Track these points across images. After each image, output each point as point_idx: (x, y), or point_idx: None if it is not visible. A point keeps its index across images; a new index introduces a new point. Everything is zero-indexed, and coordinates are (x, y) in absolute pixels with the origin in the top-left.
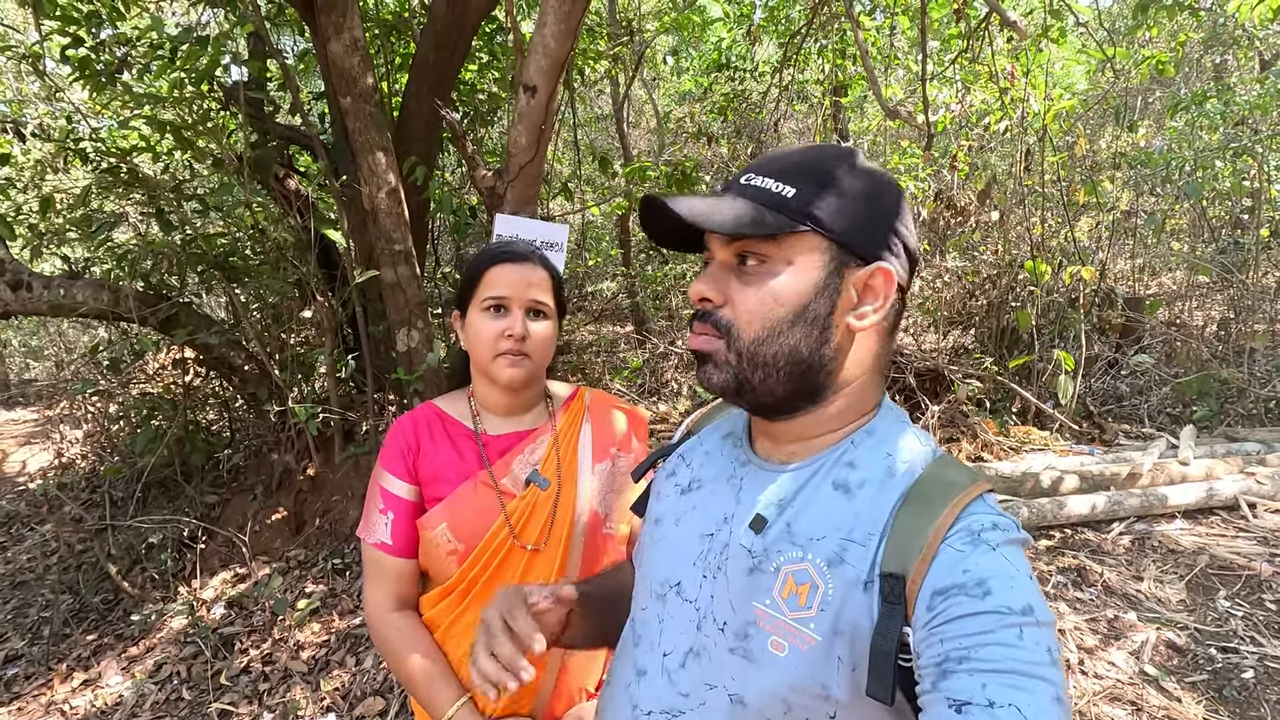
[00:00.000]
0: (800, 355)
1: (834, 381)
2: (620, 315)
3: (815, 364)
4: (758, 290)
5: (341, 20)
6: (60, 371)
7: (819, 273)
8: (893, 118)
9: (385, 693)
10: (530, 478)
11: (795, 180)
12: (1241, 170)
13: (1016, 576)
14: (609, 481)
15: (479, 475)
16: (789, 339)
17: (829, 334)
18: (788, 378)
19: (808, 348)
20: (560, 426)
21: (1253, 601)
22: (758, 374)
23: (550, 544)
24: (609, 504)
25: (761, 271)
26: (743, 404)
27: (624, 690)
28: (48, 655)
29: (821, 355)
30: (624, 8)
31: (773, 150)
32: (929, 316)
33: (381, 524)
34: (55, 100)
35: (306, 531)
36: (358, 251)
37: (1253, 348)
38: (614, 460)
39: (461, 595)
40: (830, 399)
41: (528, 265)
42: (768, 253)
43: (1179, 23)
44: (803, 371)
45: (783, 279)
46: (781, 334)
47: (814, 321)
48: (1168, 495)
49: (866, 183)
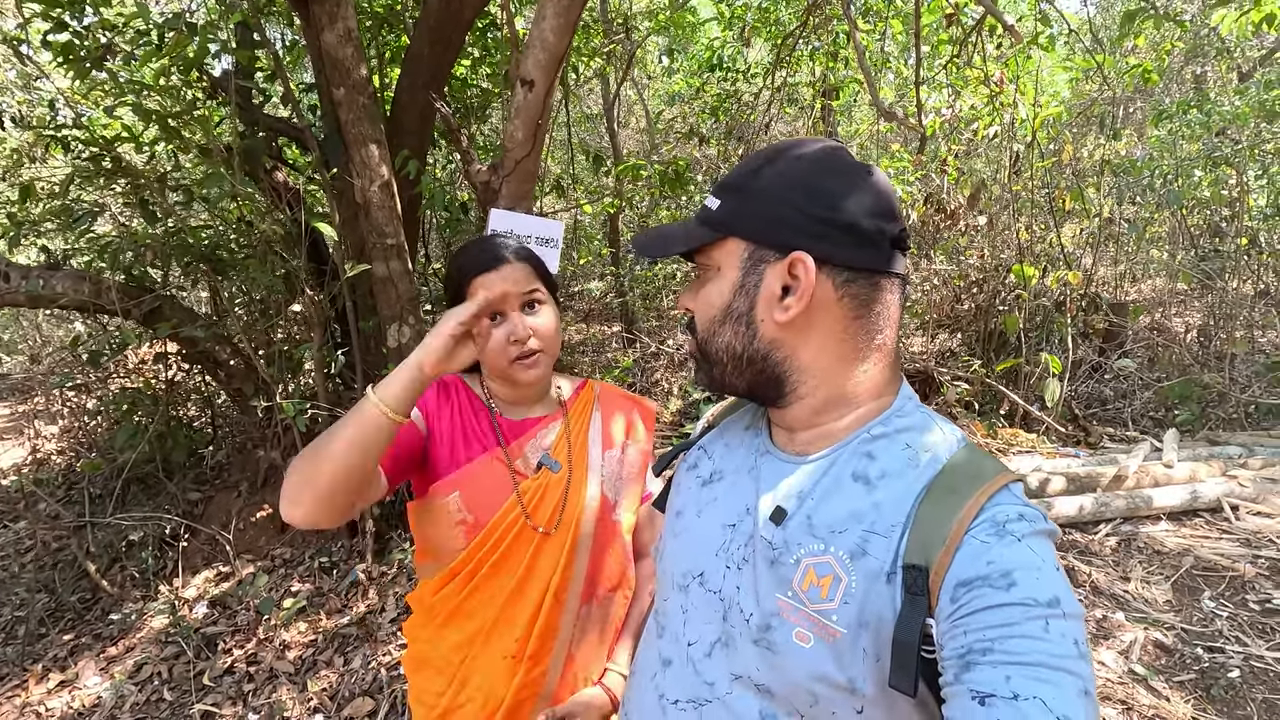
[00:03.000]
0: (735, 350)
1: (790, 370)
2: (609, 315)
3: (754, 356)
4: (701, 295)
5: (335, 10)
6: (35, 365)
7: (735, 273)
8: (888, 120)
9: (374, 693)
10: (542, 461)
11: (722, 193)
12: (1221, 179)
13: (1042, 568)
14: (617, 470)
15: (494, 450)
16: (722, 336)
17: (755, 328)
18: (735, 370)
19: (740, 343)
20: (571, 414)
21: (1237, 602)
22: (715, 369)
23: (561, 528)
24: (617, 492)
25: (705, 279)
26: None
27: (649, 680)
28: (22, 655)
29: (755, 349)
30: (615, 7)
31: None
32: (917, 319)
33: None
34: (34, 88)
35: (292, 529)
36: (348, 245)
37: (1233, 353)
38: (623, 449)
39: (468, 578)
40: (800, 386)
41: (508, 267)
42: (704, 262)
43: (1163, 33)
44: (745, 364)
45: (713, 283)
46: (716, 332)
47: (739, 319)
48: (1153, 497)
49: (791, 175)
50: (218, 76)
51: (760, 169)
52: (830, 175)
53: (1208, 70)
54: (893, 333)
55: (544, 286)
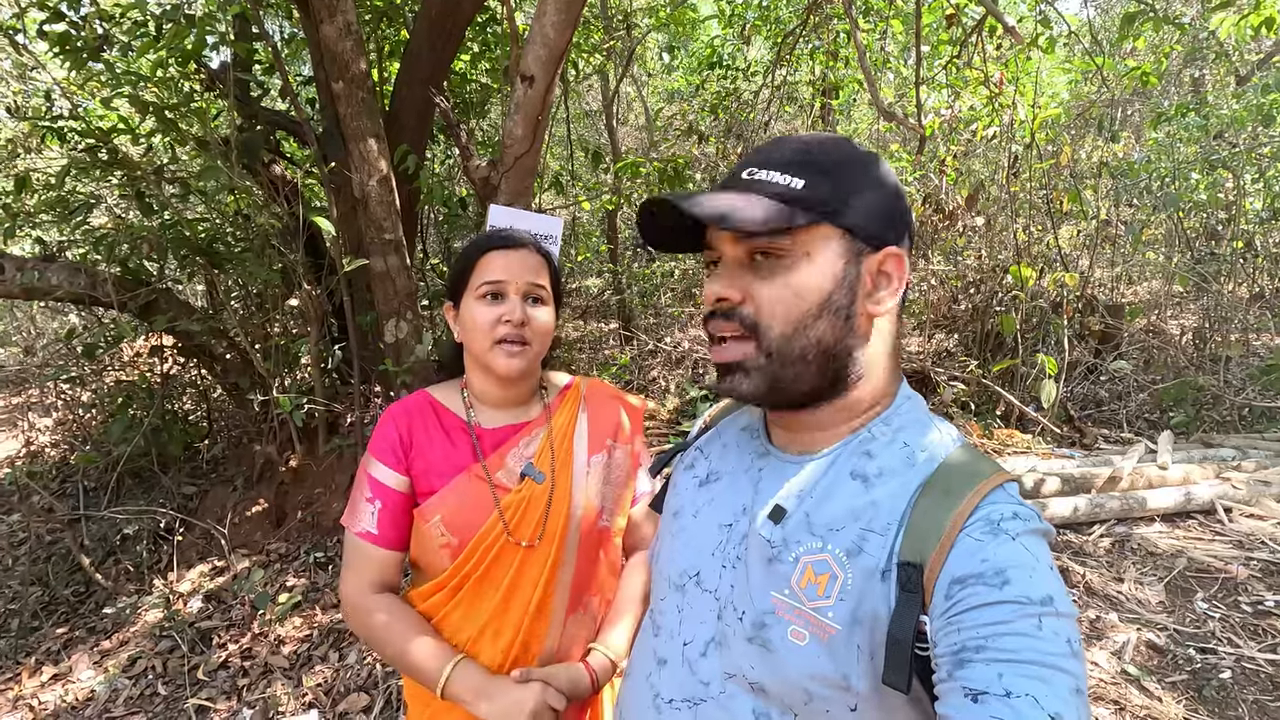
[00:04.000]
0: (828, 346)
1: (856, 369)
2: (607, 312)
3: (841, 353)
4: (780, 285)
5: (334, 3)
6: (30, 358)
7: (839, 263)
8: (887, 120)
9: (369, 688)
10: (525, 471)
11: (801, 172)
12: (1217, 183)
13: (1037, 566)
14: (605, 473)
15: (472, 468)
16: (815, 331)
17: (852, 323)
18: (818, 371)
19: (834, 338)
20: (556, 418)
21: (1229, 603)
22: (789, 370)
23: (544, 540)
24: (606, 497)
25: (780, 266)
26: (770, 405)
27: (644, 679)
28: (15, 648)
29: (847, 345)
30: (616, 3)
31: (765, 143)
32: (915, 319)
33: (368, 513)
34: (30, 79)
35: (288, 524)
36: (346, 240)
37: (1228, 356)
38: (610, 452)
39: (453, 591)
40: (852, 387)
41: (524, 250)
42: (784, 248)
43: (1162, 36)
44: (830, 362)
45: (804, 272)
46: (808, 327)
47: (838, 312)
48: (1147, 499)
49: (868, 169)
50: (215, 69)
51: (838, 156)
52: (893, 176)
53: (1206, 73)
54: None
55: (550, 287)
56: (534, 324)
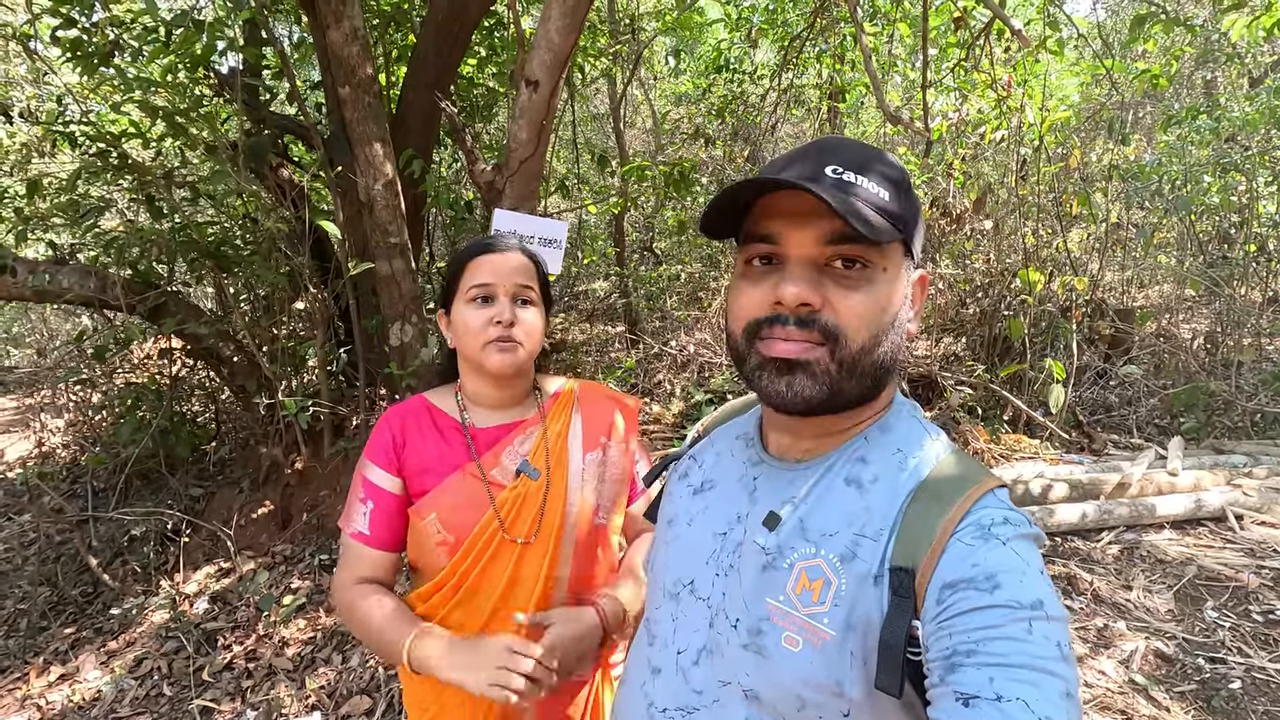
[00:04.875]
0: (887, 361)
1: (889, 379)
2: (613, 315)
3: (892, 369)
4: (864, 296)
5: (341, 8)
6: (42, 359)
7: (904, 280)
8: (894, 123)
9: (372, 691)
10: (520, 468)
11: (886, 184)
12: (1230, 186)
13: (1027, 571)
14: (601, 471)
15: (467, 466)
16: (885, 346)
17: (902, 338)
18: (873, 383)
19: (893, 354)
20: (550, 417)
21: (1240, 613)
22: (852, 383)
23: (540, 537)
24: (602, 494)
25: (864, 277)
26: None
27: (639, 688)
28: (24, 648)
29: (898, 361)
30: (623, 7)
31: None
32: (922, 323)
33: (360, 513)
34: (43, 84)
35: (293, 526)
36: (352, 244)
37: (1240, 361)
38: (605, 449)
39: (452, 591)
40: (880, 394)
41: (511, 254)
42: (871, 258)
43: (1173, 38)
44: (883, 377)
45: (884, 285)
46: (881, 342)
47: (899, 328)
48: (1156, 505)
49: (914, 190)
50: (225, 73)
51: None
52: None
53: (1218, 76)
54: None
55: (538, 289)
56: (523, 324)
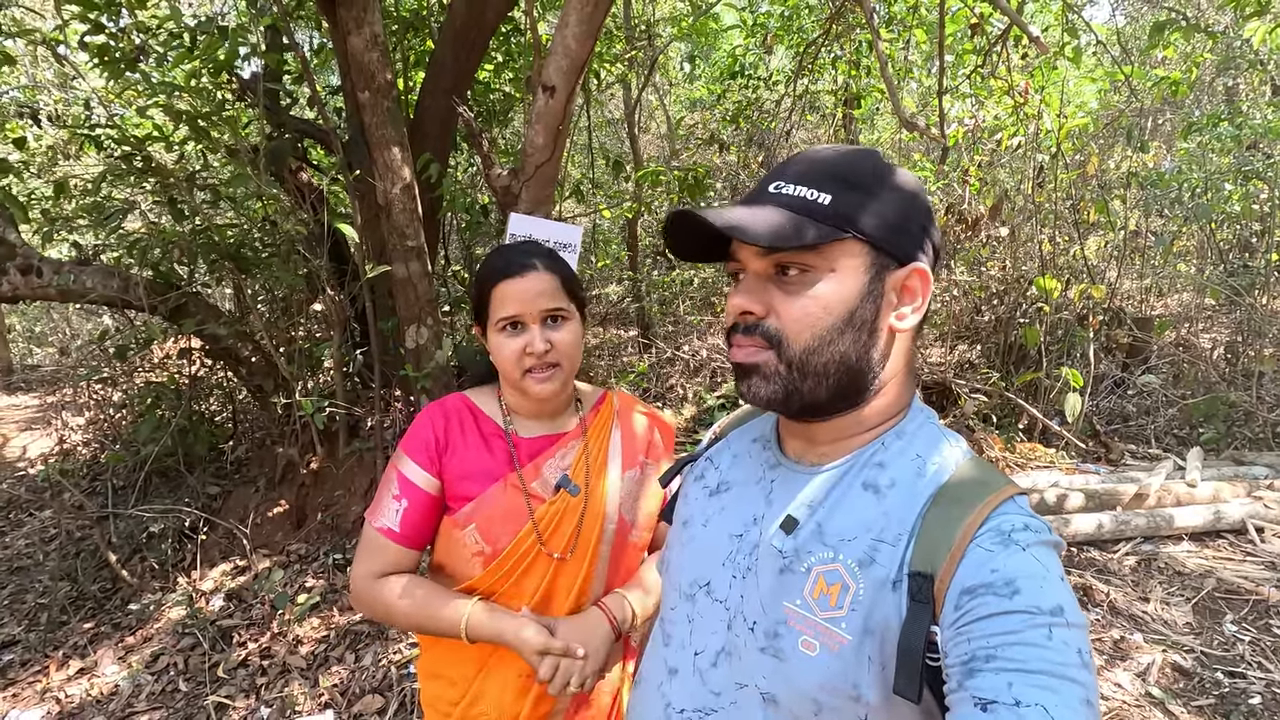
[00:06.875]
0: (850, 361)
1: (877, 381)
2: (626, 319)
3: (864, 368)
4: (803, 299)
5: (362, 15)
6: (64, 358)
7: (863, 278)
8: (910, 130)
9: (384, 690)
10: (560, 482)
11: (828, 186)
12: (1252, 194)
13: (1047, 577)
14: (637, 489)
15: (508, 477)
16: (839, 346)
17: (875, 338)
18: (837, 384)
19: (856, 353)
20: (591, 432)
21: (1260, 626)
22: (808, 383)
23: (577, 554)
24: (635, 512)
25: (804, 280)
26: (787, 412)
27: (656, 689)
28: (44, 642)
29: (869, 359)
30: (639, 13)
31: (794, 155)
32: (936, 330)
33: (392, 509)
34: (70, 88)
35: (308, 526)
36: (369, 247)
37: (1261, 371)
38: (643, 468)
39: (483, 597)
40: (870, 400)
41: (535, 274)
42: (809, 262)
43: (1194, 45)
44: (852, 376)
45: (828, 287)
46: (832, 342)
47: (861, 327)
48: (1174, 517)
49: (895, 183)
50: (246, 78)
51: (865, 169)
52: (921, 191)
53: (1239, 83)
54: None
55: (570, 301)
56: (559, 347)
